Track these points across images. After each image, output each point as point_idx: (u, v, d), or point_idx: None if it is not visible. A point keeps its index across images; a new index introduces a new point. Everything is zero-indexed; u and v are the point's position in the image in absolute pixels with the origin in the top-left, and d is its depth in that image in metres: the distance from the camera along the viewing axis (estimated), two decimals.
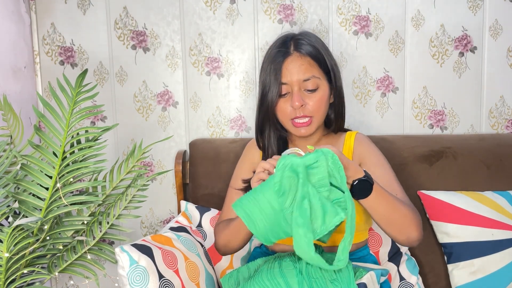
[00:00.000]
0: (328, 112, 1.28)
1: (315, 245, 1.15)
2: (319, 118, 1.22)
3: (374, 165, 1.22)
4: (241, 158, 1.37)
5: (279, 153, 1.28)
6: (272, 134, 1.28)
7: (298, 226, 0.94)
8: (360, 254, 1.26)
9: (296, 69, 1.19)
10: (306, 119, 1.20)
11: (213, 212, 1.48)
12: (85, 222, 1.23)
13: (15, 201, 1.09)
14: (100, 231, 1.24)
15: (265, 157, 1.30)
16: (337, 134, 1.32)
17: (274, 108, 1.22)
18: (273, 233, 1.02)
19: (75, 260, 1.23)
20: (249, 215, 1.00)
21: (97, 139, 1.18)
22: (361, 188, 1.04)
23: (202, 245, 1.38)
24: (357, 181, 1.02)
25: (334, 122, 1.29)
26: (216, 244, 1.28)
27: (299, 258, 1.10)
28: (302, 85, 1.19)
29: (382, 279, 1.17)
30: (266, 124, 1.27)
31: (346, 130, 1.33)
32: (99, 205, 1.31)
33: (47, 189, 1.10)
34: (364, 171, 1.05)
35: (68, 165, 1.12)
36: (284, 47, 1.22)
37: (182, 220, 1.41)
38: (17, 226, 1.03)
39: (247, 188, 1.27)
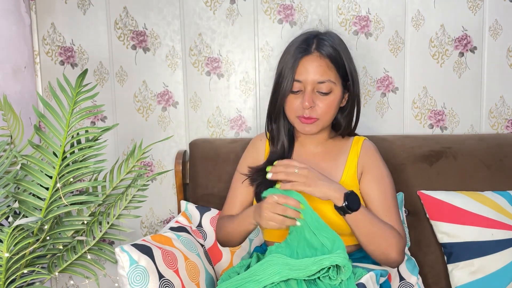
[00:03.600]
0: (338, 116, 1.27)
1: None
2: (325, 121, 1.22)
3: (373, 179, 1.24)
4: (246, 149, 1.38)
5: (288, 144, 1.29)
6: (282, 124, 1.29)
7: None
8: (360, 254, 1.26)
9: (313, 69, 1.18)
10: (312, 119, 1.20)
11: (213, 212, 1.48)
12: (85, 222, 1.23)
13: (15, 201, 1.09)
14: (100, 231, 1.24)
15: (272, 146, 1.30)
16: (344, 138, 1.31)
17: (284, 101, 1.23)
18: None
19: (75, 260, 1.23)
20: None
21: (97, 139, 1.18)
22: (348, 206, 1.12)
23: (202, 245, 1.38)
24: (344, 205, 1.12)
25: (343, 127, 1.28)
26: (217, 236, 1.34)
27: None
28: (316, 87, 1.19)
29: (382, 279, 1.17)
30: (277, 113, 1.27)
31: (354, 134, 1.33)
32: (99, 205, 1.31)
33: (47, 189, 1.10)
34: (346, 193, 1.12)
35: (68, 165, 1.12)
36: (306, 44, 1.21)
37: (182, 220, 1.41)
38: (17, 226, 1.03)
39: (252, 174, 1.29)
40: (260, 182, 1.25)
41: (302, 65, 1.19)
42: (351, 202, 1.11)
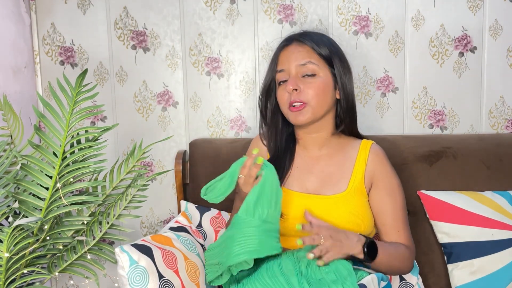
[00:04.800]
0: (337, 109, 1.26)
1: None
2: (314, 106, 1.19)
3: (385, 191, 1.23)
4: (247, 151, 1.37)
5: (285, 146, 1.28)
6: (280, 125, 1.28)
7: None
8: None
9: (294, 55, 1.20)
10: (300, 104, 1.19)
11: (213, 212, 1.48)
12: (85, 222, 1.23)
13: (15, 201, 1.09)
14: (100, 231, 1.24)
15: (269, 149, 1.30)
16: (350, 138, 1.29)
17: (266, 89, 1.26)
18: None
19: (75, 260, 1.23)
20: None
21: (97, 139, 1.18)
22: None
23: (202, 245, 1.38)
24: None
25: (343, 122, 1.26)
26: None
27: (299, 259, 1.11)
28: (299, 71, 1.19)
29: (383, 283, 1.17)
30: (267, 111, 1.28)
31: (360, 136, 1.31)
32: (99, 205, 1.31)
33: (47, 189, 1.10)
34: (364, 249, 1.12)
35: (68, 165, 1.12)
36: (288, 38, 1.26)
37: (182, 220, 1.41)
38: (17, 226, 1.03)
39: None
40: None
41: (284, 55, 1.22)
42: (370, 253, 1.12)
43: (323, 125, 1.24)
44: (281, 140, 1.28)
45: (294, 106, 1.19)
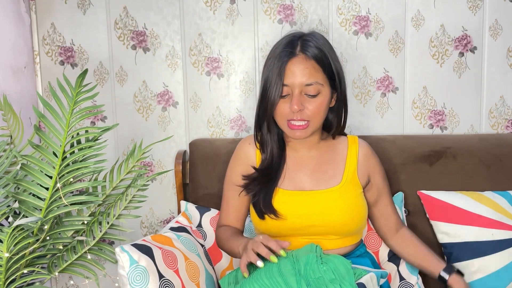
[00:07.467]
0: (329, 116, 1.27)
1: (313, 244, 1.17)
2: (316, 123, 1.20)
3: (380, 181, 1.31)
4: (234, 154, 1.34)
5: (278, 150, 1.27)
6: (271, 130, 1.27)
7: None
8: (358, 252, 1.27)
9: (300, 72, 1.16)
10: (303, 123, 1.18)
11: (213, 212, 1.48)
12: (85, 222, 1.23)
13: (15, 201, 1.10)
14: (100, 231, 1.24)
15: (262, 153, 1.28)
16: (336, 138, 1.31)
17: (274, 107, 1.20)
18: None
19: (75, 260, 1.23)
20: None
21: (97, 139, 1.18)
22: None
23: (202, 245, 1.38)
24: None
25: (334, 126, 1.27)
26: (218, 245, 1.36)
27: (297, 259, 1.11)
28: (303, 89, 1.16)
29: (382, 281, 1.17)
30: (266, 120, 1.25)
31: (344, 134, 1.33)
32: (99, 205, 1.31)
33: (47, 189, 1.10)
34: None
35: (68, 165, 1.12)
36: (291, 47, 1.18)
37: (182, 220, 1.41)
38: (17, 226, 1.03)
39: (247, 184, 1.27)
40: (257, 191, 1.24)
41: (289, 68, 1.16)
42: None
43: (314, 131, 1.25)
44: (275, 141, 1.28)
45: (295, 124, 1.18)
